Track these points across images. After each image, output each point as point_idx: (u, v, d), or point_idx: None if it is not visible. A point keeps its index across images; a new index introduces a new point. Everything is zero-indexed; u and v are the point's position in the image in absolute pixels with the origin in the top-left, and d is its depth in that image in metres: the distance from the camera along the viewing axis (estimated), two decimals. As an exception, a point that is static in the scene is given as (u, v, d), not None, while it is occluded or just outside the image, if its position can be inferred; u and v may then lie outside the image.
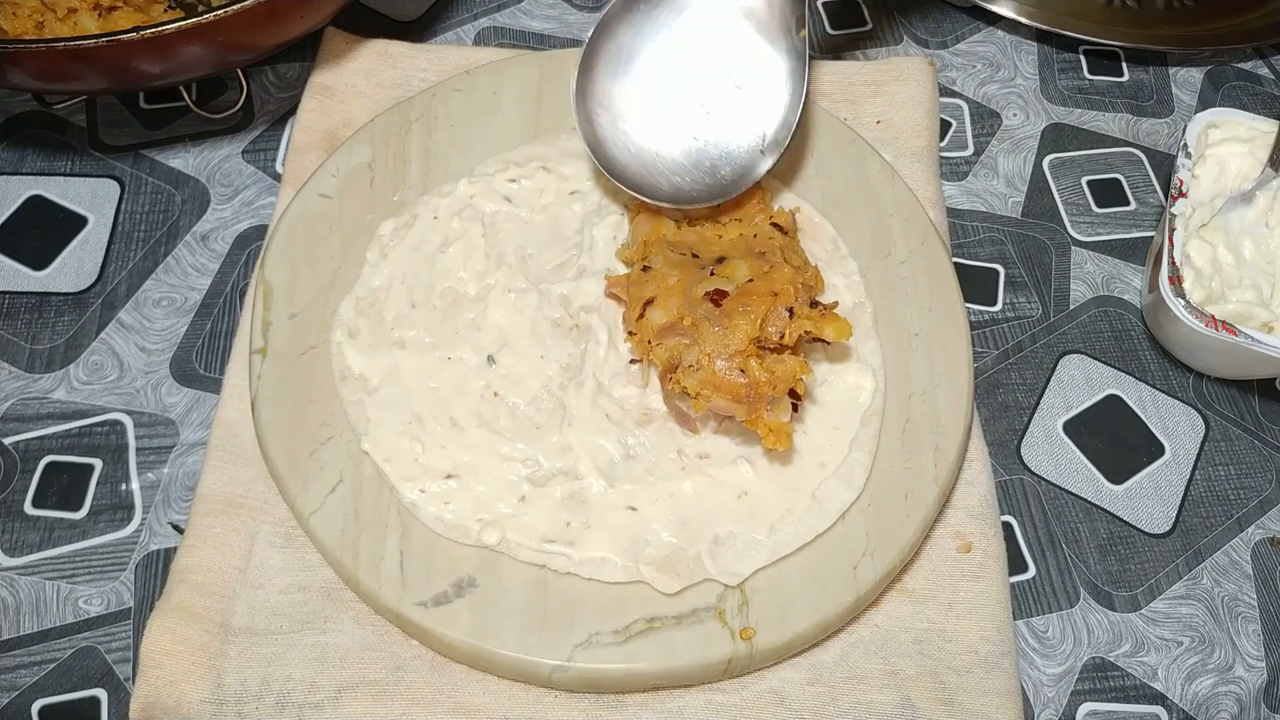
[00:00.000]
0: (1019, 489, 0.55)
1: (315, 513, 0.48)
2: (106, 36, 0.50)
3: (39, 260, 0.59)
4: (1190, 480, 0.55)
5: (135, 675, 0.46)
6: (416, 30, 0.70)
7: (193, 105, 0.62)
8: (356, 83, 0.64)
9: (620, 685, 0.46)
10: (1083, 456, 0.56)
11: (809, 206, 0.58)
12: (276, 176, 0.63)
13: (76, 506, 0.52)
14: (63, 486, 0.52)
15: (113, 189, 0.62)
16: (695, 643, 0.46)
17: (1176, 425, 0.57)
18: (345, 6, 0.60)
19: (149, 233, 0.60)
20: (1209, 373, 0.58)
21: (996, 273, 0.62)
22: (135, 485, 0.53)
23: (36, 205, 0.61)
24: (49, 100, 0.63)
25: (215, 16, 0.52)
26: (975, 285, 0.61)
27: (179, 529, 0.51)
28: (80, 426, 0.54)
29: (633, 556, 0.47)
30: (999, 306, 0.60)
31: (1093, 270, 0.62)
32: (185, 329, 0.57)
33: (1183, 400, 0.58)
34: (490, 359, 0.53)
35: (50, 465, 0.53)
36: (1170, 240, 0.55)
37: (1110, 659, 0.50)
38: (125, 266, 0.59)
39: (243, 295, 0.58)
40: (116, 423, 0.54)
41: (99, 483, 0.52)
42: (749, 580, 0.47)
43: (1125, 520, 0.54)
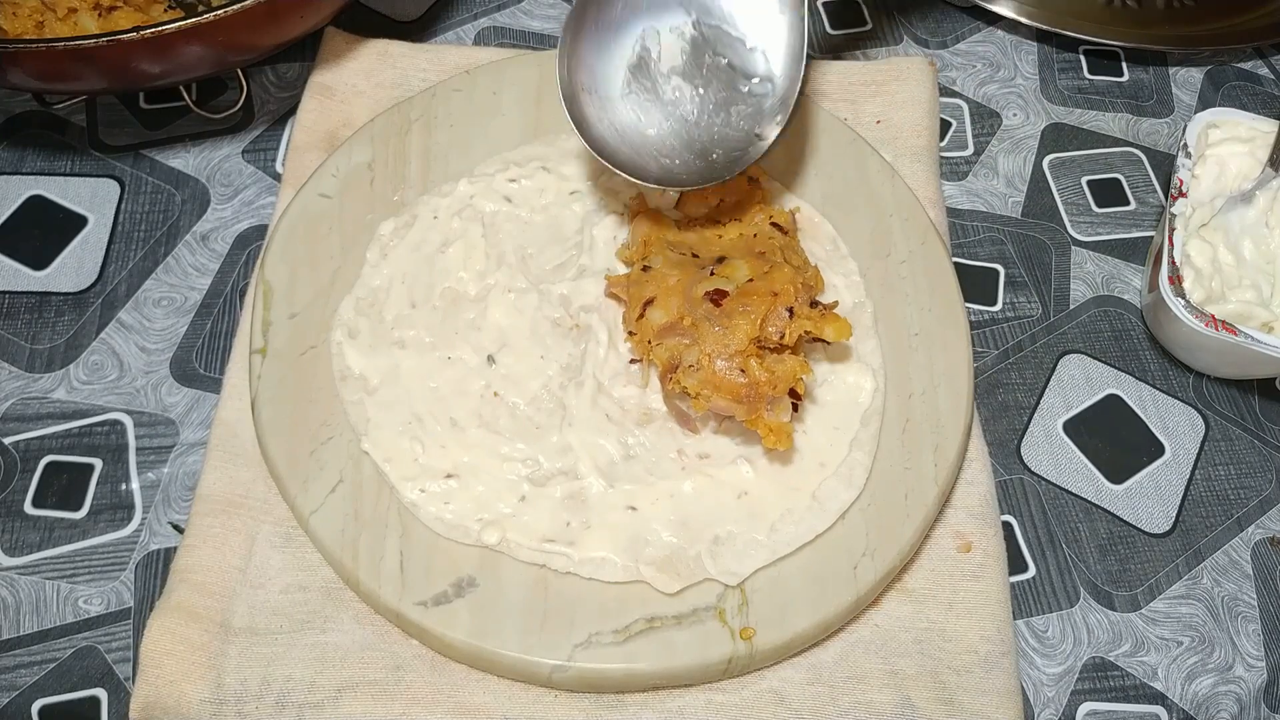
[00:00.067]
0: (1019, 489, 0.55)
1: (315, 513, 0.48)
2: (106, 36, 0.50)
3: (39, 260, 0.59)
4: (1190, 480, 0.55)
5: (135, 675, 0.46)
6: (416, 30, 0.70)
7: (193, 105, 0.62)
8: (356, 83, 0.64)
9: (620, 685, 0.46)
10: (1083, 456, 0.56)
11: (809, 206, 0.58)
12: (276, 176, 0.63)
13: (76, 506, 0.52)
14: (63, 486, 0.52)
15: (113, 189, 0.62)
16: (695, 642, 0.46)
17: (1176, 425, 0.57)
18: (345, 6, 0.60)
19: (149, 233, 0.60)
20: (1209, 373, 0.58)
21: (996, 273, 0.62)
22: (135, 485, 0.53)
23: (36, 205, 0.61)
24: (49, 100, 0.63)
25: (215, 16, 0.52)
26: (975, 285, 0.61)
27: (179, 529, 0.51)
28: (80, 426, 0.54)
29: (633, 556, 0.47)
30: (999, 306, 0.60)
31: (1093, 270, 0.62)
32: (185, 329, 0.57)
33: (1183, 400, 0.58)
34: (490, 359, 0.53)
35: (50, 465, 0.53)
36: (1170, 240, 0.55)
37: (1110, 659, 0.50)
38: (125, 266, 0.59)
39: (243, 295, 0.58)
40: (116, 423, 0.54)
41: (99, 482, 0.52)
42: (749, 580, 0.47)
43: (1125, 520, 0.54)
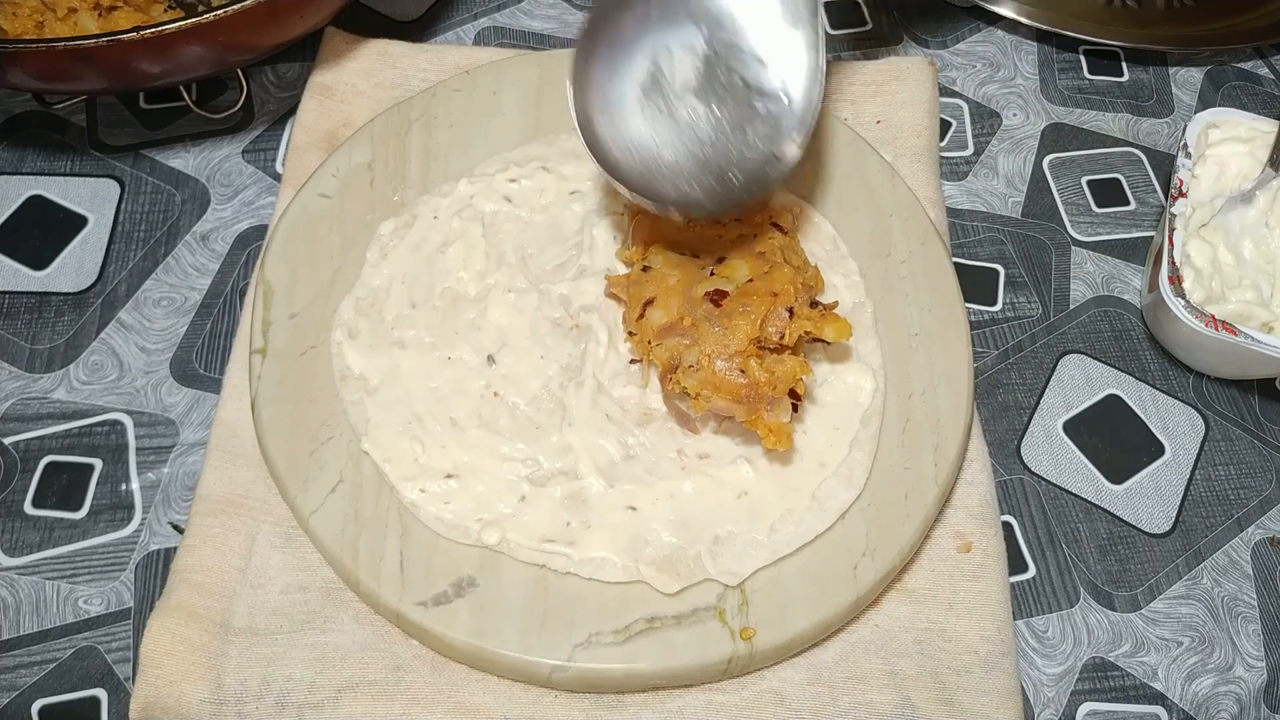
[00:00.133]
0: (1019, 489, 0.55)
1: (315, 513, 0.48)
2: (106, 36, 0.50)
3: (39, 260, 0.59)
4: (1190, 480, 0.55)
5: (135, 675, 0.46)
6: (416, 30, 0.70)
7: (193, 105, 0.62)
8: (356, 83, 0.64)
9: (620, 685, 0.46)
10: (1083, 456, 0.56)
11: (809, 207, 0.58)
12: (276, 176, 0.63)
13: (76, 506, 0.52)
14: (63, 486, 0.52)
15: (113, 189, 0.62)
16: (695, 643, 0.46)
17: (1176, 425, 0.57)
18: (345, 6, 0.60)
19: (149, 233, 0.60)
20: (1209, 373, 0.58)
21: (996, 273, 0.62)
22: (135, 485, 0.53)
23: (36, 205, 0.61)
24: (49, 100, 0.63)
25: (215, 16, 0.52)
26: (975, 285, 0.61)
27: (179, 529, 0.51)
28: (80, 426, 0.54)
29: (633, 556, 0.47)
30: (999, 306, 0.60)
31: (1093, 270, 0.62)
32: (185, 329, 0.57)
33: (1183, 400, 0.58)
34: (490, 359, 0.53)
35: (50, 465, 0.53)
36: (1170, 240, 0.55)
37: (1110, 659, 0.50)
38: (125, 266, 0.59)
39: (243, 295, 0.58)
40: (116, 423, 0.54)
41: (99, 483, 0.52)
42: (749, 580, 0.47)
43: (1125, 520, 0.54)
